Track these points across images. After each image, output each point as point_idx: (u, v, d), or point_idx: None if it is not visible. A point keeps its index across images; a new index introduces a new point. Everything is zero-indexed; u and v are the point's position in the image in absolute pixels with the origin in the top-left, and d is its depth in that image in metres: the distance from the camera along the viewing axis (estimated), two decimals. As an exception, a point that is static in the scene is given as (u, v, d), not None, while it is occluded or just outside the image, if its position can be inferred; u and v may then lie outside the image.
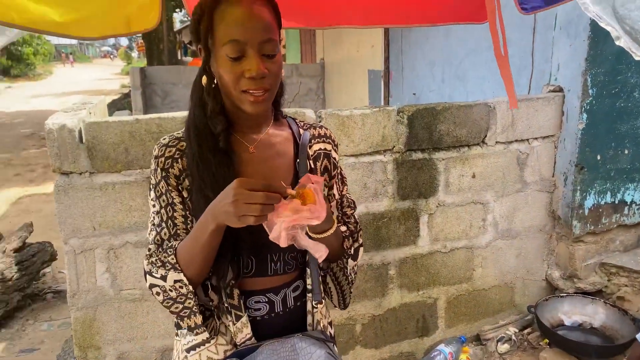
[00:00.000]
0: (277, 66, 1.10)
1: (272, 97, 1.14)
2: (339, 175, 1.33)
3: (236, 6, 1.06)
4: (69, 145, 2.11)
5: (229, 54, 1.05)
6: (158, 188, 1.16)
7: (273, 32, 1.09)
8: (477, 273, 3.00)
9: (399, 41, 5.50)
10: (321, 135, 1.30)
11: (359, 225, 1.35)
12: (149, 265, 1.14)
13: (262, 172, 1.19)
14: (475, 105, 2.78)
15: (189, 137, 1.15)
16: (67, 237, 2.18)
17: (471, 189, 2.87)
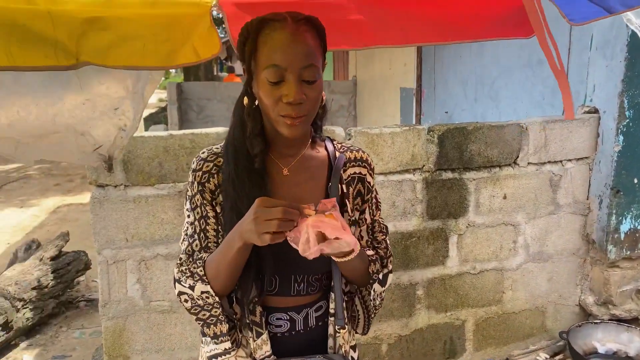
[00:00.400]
0: (317, 92, 1.10)
1: (309, 122, 1.15)
2: (372, 200, 1.32)
3: (279, 31, 1.08)
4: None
5: (268, 78, 1.07)
6: (194, 200, 1.20)
7: (315, 57, 1.09)
8: (507, 296, 2.94)
9: (431, 59, 5.50)
10: (357, 159, 1.29)
11: (389, 251, 1.34)
12: (179, 274, 1.18)
13: (293, 194, 1.21)
14: (507, 125, 2.75)
15: (227, 154, 1.19)
16: (101, 248, 2.24)
17: (502, 210, 2.83)
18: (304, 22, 1.10)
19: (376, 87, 7.43)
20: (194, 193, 1.20)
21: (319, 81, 1.11)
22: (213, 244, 1.19)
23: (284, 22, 1.08)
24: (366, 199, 1.30)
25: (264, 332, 1.20)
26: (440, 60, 5.29)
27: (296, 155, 1.22)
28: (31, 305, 3.94)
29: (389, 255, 1.34)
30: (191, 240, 1.20)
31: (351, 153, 1.29)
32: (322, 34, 1.15)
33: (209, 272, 1.13)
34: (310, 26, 1.11)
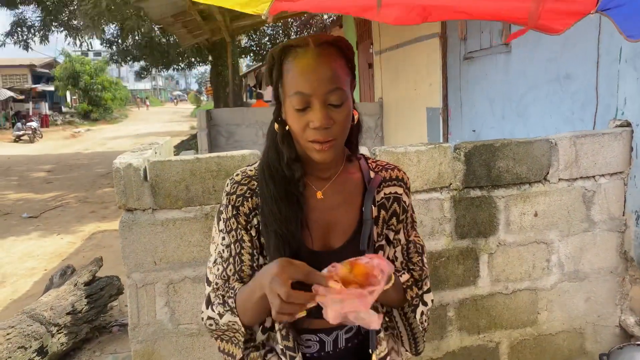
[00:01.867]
0: (344, 114, 1.10)
1: (340, 145, 1.15)
2: (408, 219, 1.30)
3: (302, 57, 1.08)
4: (134, 183, 2.23)
5: (294, 105, 1.08)
6: (229, 224, 1.20)
7: (340, 80, 1.08)
8: (542, 317, 2.85)
9: (457, 78, 5.47)
10: (392, 178, 1.27)
11: (425, 271, 1.31)
12: (215, 298, 1.19)
13: (326, 220, 1.20)
14: (535, 141, 2.70)
15: (263, 178, 1.19)
16: (130, 271, 2.27)
17: (534, 228, 2.76)
18: (328, 45, 1.10)
19: (402, 108, 7.43)
20: (229, 216, 1.20)
21: (346, 103, 1.10)
22: (248, 268, 1.19)
23: (306, 47, 1.09)
24: (401, 218, 1.27)
25: (296, 355, 1.19)
26: (465, 79, 5.27)
27: (330, 179, 1.22)
28: (66, 330, 4.01)
29: (425, 276, 1.31)
30: (225, 265, 1.21)
31: (386, 172, 1.27)
32: (349, 53, 1.15)
33: (239, 306, 1.14)
34: (334, 48, 1.10)
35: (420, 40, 6.26)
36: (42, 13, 14.31)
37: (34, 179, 13.31)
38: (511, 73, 4.33)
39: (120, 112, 39.11)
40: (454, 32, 5.43)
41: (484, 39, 4.84)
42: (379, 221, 1.24)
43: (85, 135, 26.28)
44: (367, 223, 1.20)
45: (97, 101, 34.08)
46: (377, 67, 8.68)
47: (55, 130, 27.67)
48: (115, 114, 37.28)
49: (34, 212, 9.44)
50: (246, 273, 1.19)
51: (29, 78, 34.74)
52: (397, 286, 1.21)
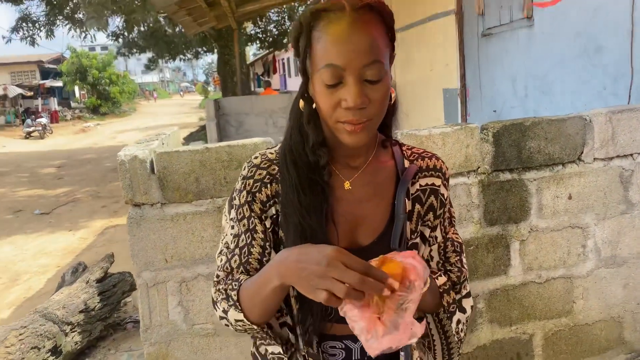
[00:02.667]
0: (383, 93, 0.94)
1: (375, 127, 0.99)
2: (446, 214, 1.14)
3: (336, 23, 0.91)
4: (140, 177, 2.08)
5: (324, 80, 0.92)
6: (241, 211, 1.06)
7: (380, 52, 0.92)
8: (578, 306, 2.68)
9: (475, 57, 5.25)
10: (430, 168, 1.11)
11: (464, 273, 1.16)
12: (216, 294, 1.06)
13: (354, 214, 1.05)
14: (568, 118, 2.51)
15: (285, 164, 1.04)
16: (140, 270, 2.14)
17: (568, 212, 2.57)
18: (366, 10, 0.93)
19: (417, 91, 7.21)
20: (242, 202, 1.05)
21: (385, 79, 0.94)
22: (255, 261, 1.05)
23: (341, 12, 0.92)
24: (439, 213, 1.12)
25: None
26: (484, 57, 5.04)
27: (360, 167, 1.07)
28: (79, 328, 3.91)
29: (464, 279, 1.16)
30: (230, 256, 1.07)
31: (423, 161, 1.12)
32: (390, 20, 0.98)
33: (244, 300, 0.99)
34: (374, 13, 0.94)
35: (435, 17, 6.03)
36: (46, 7, 14.21)
37: (45, 175, 13.31)
38: (534, 49, 4.11)
39: (128, 106, 39.16)
40: (470, 7, 5.19)
41: (503, 13, 4.61)
42: (413, 216, 1.08)
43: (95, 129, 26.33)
44: (400, 218, 1.05)
45: (106, 95, 34.10)
46: (388, 50, 8.45)
47: (65, 125, 27.74)
48: (124, 108, 37.34)
49: (46, 209, 9.42)
50: (253, 266, 1.05)
51: (37, 74, 34.81)
52: (433, 290, 1.07)
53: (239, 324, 1.01)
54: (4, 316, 5.12)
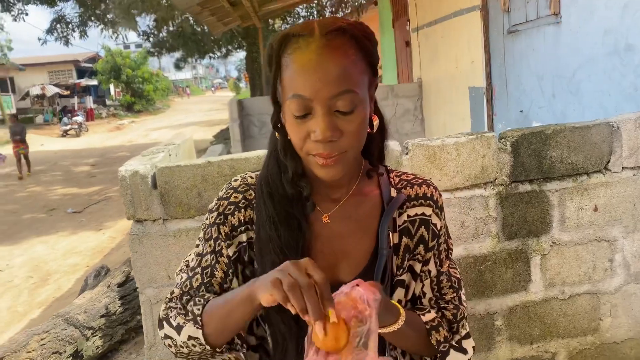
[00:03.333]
0: (357, 124, 0.87)
1: (350, 159, 0.91)
2: (440, 246, 1.04)
3: (303, 49, 0.85)
4: (142, 192, 2.05)
5: (292, 111, 0.86)
6: (209, 231, 1.01)
7: (352, 80, 0.85)
8: (605, 323, 2.52)
9: (501, 54, 5.06)
10: (419, 197, 1.02)
11: (461, 310, 1.05)
12: (167, 310, 0.97)
13: (334, 249, 0.97)
14: (593, 125, 2.35)
15: (262, 196, 0.97)
16: (143, 287, 2.11)
17: (593, 225, 2.42)
18: (338, 34, 0.86)
19: (443, 88, 7.04)
20: (212, 223, 1.00)
21: (359, 109, 0.87)
22: (217, 285, 0.98)
23: (310, 37, 0.85)
24: (430, 246, 1.02)
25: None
26: (511, 55, 4.85)
27: (341, 199, 0.99)
28: (100, 333, 3.95)
29: (462, 316, 1.04)
30: (191, 274, 1.00)
31: (412, 189, 1.03)
32: (367, 43, 0.90)
33: (207, 319, 0.91)
34: (347, 38, 0.86)
35: (460, 14, 5.86)
36: (79, 9, 14.52)
37: (79, 173, 13.64)
38: (562, 46, 3.91)
39: (162, 103, 39.80)
40: (495, 3, 5.01)
41: (529, 9, 4.41)
42: (399, 250, 0.99)
43: (129, 127, 26.85)
44: (383, 253, 0.96)
45: (140, 93, 34.73)
46: (414, 45, 8.27)
47: (100, 123, 28.39)
48: (158, 105, 37.96)
49: (78, 207, 9.63)
50: (214, 289, 0.98)
51: (74, 73, 35.71)
52: (415, 326, 0.97)
53: (190, 342, 0.92)
54: (34, 316, 5.24)
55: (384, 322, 0.89)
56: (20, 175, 13.28)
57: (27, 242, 7.64)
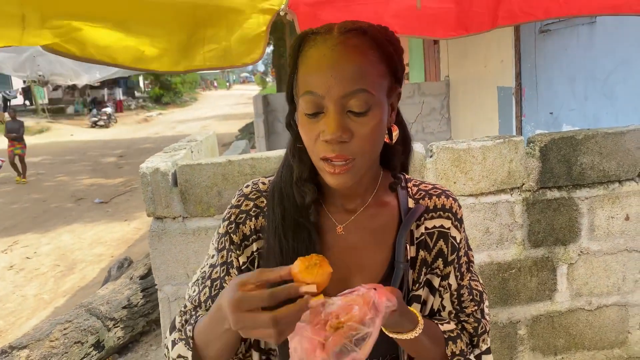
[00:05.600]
0: (370, 127, 0.82)
1: (362, 168, 0.86)
2: (461, 259, 0.99)
3: (319, 46, 0.82)
4: (162, 189, 2.04)
5: (304, 109, 0.82)
6: (222, 241, 0.97)
7: (366, 80, 0.81)
8: (634, 336, 2.44)
9: (532, 54, 4.93)
10: (438, 208, 0.97)
11: (483, 324, 1.00)
12: (181, 322, 0.94)
13: (347, 262, 0.93)
14: (627, 131, 2.27)
15: (272, 204, 0.94)
16: (162, 284, 2.11)
17: (624, 234, 2.34)
18: (357, 33, 0.82)
19: (471, 87, 6.90)
20: (224, 232, 0.96)
21: (375, 111, 0.82)
22: None
23: (327, 35, 0.82)
24: (450, 259, 0.97)
25: None
26: (542, 55, 4.72)
27: (356, 210, 0.94)
28: (122, 324, 4.00)
29: (482, 331, 1.00)
30: (201, 287, 0.97)
31: (430, 200, 0.97)
32: (388, 48, 0.85)
33: (197, 339, 0.87)
34: (366, 38, 0.83)
35: (490, 12, 5.71)
36: None
37: (106, 164, 13.87)
38: (596, 47, 3.78)
39: (189, 96, 40.23)
40: (528, 2, 4.87)
41: (563, 8, 4.27)
42: (416, 264, 0.95)
43: (157, 119, 27.20)
44: (400, 267, 0.92)
45: (168, 85, 35.14)
46: (442, 43, 8.14)
47: (129, 115, 28.82)
48: (185, 98, 38.38)
49: (105, 197, 9.78)
50: None
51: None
52: (432, 336, 0.92)
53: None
54: (59, 304, 5.34)
55: (401, 329, 0.86)
56: (19, 178, 11.61)
57: (55, 231, 7.79)
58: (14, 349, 3.39)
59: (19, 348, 3.40)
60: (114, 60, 1.13)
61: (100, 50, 1.10)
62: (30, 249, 7.04)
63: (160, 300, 2.12)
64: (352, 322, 0.72)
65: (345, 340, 0.71)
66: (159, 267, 2.10)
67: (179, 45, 1.20)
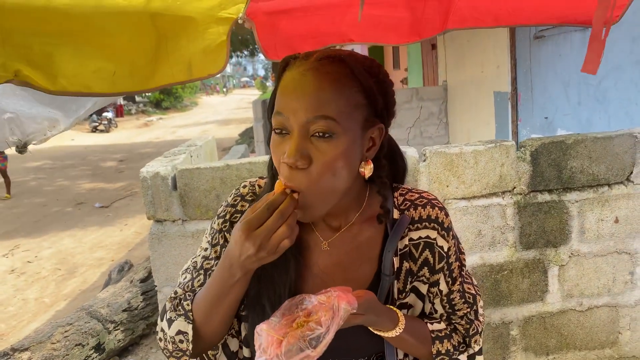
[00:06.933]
0: (331, 156, 0.81)
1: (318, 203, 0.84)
2: (452, 266, 0.99)
3: (294, 69, 0.84)
4: (162, 193, 2.10)
5: (274, 127, 0.85)
6: (217, 237, 0.99)
7: (333, 108, 0.81)
8: (624, 337, 2.48)
9: (527, 60, 5.00)
10: (423, 219, 0.96)
11: (474, 326, 1.02)
12: (170, 305, 0.96)
13: (333, 276, 0.95)
14: (616, 136, 2.32)
15: None
16: (161, 286, 2.16)
17: (614, 236, 2.39)
18: (333, 60, 0.84)
19: (468, 92, 6.97)
20: (219, 229, 0.99)
21: (338, 140, 0.81)
22: None
23: (304, 60, 0.85)
24: (437, 268, 0.97)
25: None
26: (537, 60, 4.79)
27: (341, 227, 0.96)
28: (122, 327, 4.04)
29: (474, 332, 1.01)
30: (195, 275, 0.98)
31: (415, 210, 0.97)
32: (368, 81, 0.85)
33: (197, 311, 0.90)
34: (341, 65, 0.83)
35: (486, 18, 5.77)
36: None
37: (107, 169, 13.91)
38: (589, 53, 3.85)
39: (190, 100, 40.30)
40: (523, 8, 4.93)
41: (557, 15, 4.34)
42: (401, 274, 0.96)
43: (157, 123, 27.26)
44: (386, 280, 0.94)
45: (168, 90, 35.20)
46: (440, 48, 8.21)
47: (129, 119, 28.89)
48: (186, 102, 38.45)
49: (105, 202, 9.82)
50: None
51: (105, 70, 36.30)
52: (418, 334, 0.95)
53: (178, 338, 0.90)
54: (60, 307, 5.38)
55: (382, 327, 0.90)
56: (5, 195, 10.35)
57: (56, 235, 7.84)
58: (15, 351, 3.44)
59: (20, 350, 3.45)
60: (89, 88, 1.11)
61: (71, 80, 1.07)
62: (31, 253, 7.09)
63: (160, 301, 2.18)
64: (312, 322, 0.76)
65: (300, 339, 0.75)
66: (158, 269, 2.15)
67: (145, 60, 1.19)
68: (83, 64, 1.07)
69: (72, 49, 1.05)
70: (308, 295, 0.81)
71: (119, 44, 1.12)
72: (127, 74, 1.15)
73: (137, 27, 1.12)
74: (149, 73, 1.18)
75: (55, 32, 1.02)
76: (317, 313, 0.77)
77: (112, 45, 1.12)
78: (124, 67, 1.14)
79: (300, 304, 0.80)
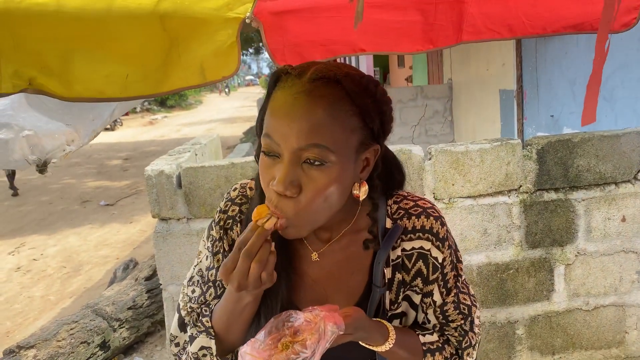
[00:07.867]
0: (321, 183, 0.78)
1: (305, 224, 0.82)
2: (447, 276, 0.96)
3: (286, 89, 0.79)
4: (167, 191, 2.10)
5: (262, 147, 0.81)
6: (216, 245, 0.98)
7: (327, 135, 0.77)
8: (630, 336, 2.47)
9: (533, 57, 4.97)
10: (417, 229, 0.92)
11: (468, 338, 0.99)
12: (188, 318, 0.97)
13: (324, 286, 0.94)
14: (623, 134, 2.30)
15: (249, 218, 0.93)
16: (166, 284, 2.16)
17: (621, 235, 2.37)
18: (328, 82, 0.78)
19: (473, 90, 6.94)
20: (218, 237, 0.97)
21: (331, 169, 0.78)
22: None
23: (297, 79, 0.79)
24: (432, 279, 0.94)
25: None
26: (542, 58, 4.76)
27: (331, 239, 0.93)
28: (127, 325, 4.05)
29: (467, 345, 0.99)
30: (205, 288, 0.98)
31: (409, 220, 0.93)
32: (361, 96, 0.81)
33: (216, 326, 0.91)
34: (336, 88, 0.78)
35: (492, 16, 5.74)
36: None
37: (112, 167, 13.95)
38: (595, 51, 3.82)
39: (195, 99, 40.36)
40: (529, 6, 4.90)
41: (563, 12, 4.31)
42: (393, 285, 0.93)
43: (162, 122, 27.29)
44: (377, 291, 0.92)
45: (173, 88, 35.21)
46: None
47: (134, 117, 28.93)
48: (190, 101, 38.49)
49: (111, 200, 9.85)
50: None
51: (110, 68, 36.38)
52: (409, 347, 0.93)
53: (201, 352, 0.90)
54: (65, 305, 5.40)
55: (372, 342, 0.88)
56: None
57: (61, 233, 7.86)
58: (21, 349, 3.45)
59: (26, 348, 3.46)
60: (102, 93, 1.10)
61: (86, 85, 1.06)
62: (36, 251, 7.11)
63: (165, 299, 2.18)
64: (297, 344, 0.75)
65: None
66: (163, 267, 2.15)
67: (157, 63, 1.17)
68: (95, 68, 1.06)
69: (84, 54, 1.04)
70: (295, 311, 0.79)
71: (130, 48, 1.11)
72: (139, 77, 1.13)
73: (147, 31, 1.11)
74: (161, 76, 1.17)
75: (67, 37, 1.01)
76: (304, 333, 0.76)
77: (124, 49, 1.10)
78: (136, 71, 1.13)
79: (287, 320, 0.78)
